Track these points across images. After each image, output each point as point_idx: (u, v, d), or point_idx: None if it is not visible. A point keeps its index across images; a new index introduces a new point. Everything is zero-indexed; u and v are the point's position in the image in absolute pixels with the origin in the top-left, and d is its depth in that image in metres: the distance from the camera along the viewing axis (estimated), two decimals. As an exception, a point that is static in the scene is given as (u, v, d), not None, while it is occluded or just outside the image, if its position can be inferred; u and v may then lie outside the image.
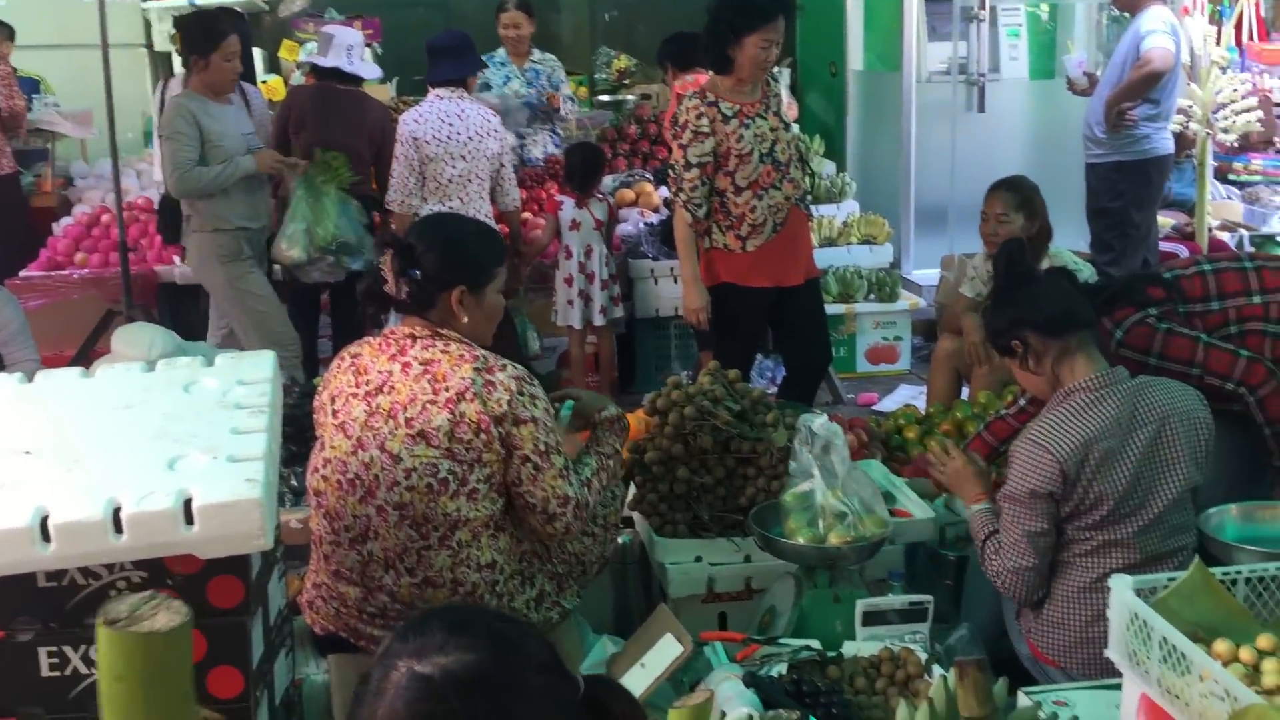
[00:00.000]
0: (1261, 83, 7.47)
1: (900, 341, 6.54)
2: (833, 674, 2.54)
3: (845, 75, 8.44)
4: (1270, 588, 2.11)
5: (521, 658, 1.31)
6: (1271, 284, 3.22)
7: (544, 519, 2.61)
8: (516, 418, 2.55)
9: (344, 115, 5.51)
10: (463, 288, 2.63)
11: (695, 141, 4.29)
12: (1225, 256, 3.38)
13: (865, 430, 4.09)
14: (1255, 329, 3.20)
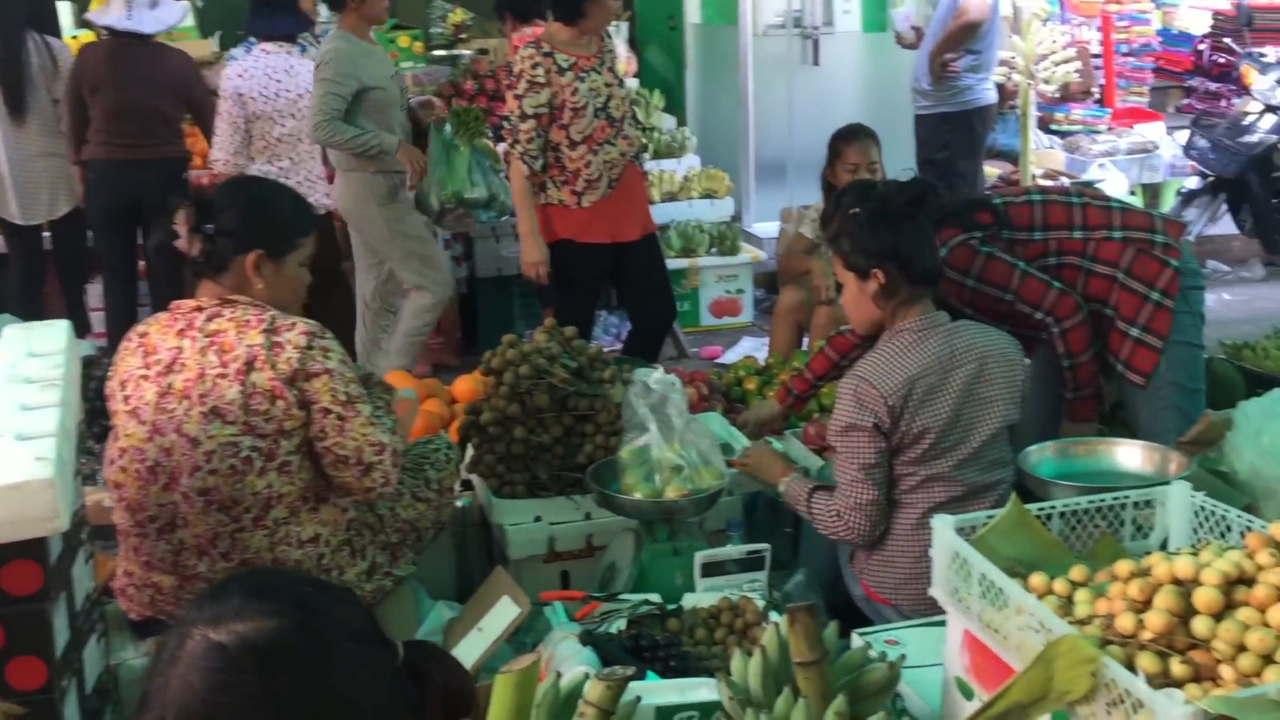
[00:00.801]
0: (1080, 34, 7.74)
1: (743, 294, 6.61)
2: (672, 627, 2.55)
3: (684, 29, 8.42)
4: (1083, 521, 2.18)
5: (330, 625, 1.22)
6: (1094, 221, 3.31)
7: (360, 471, 2.48)
8: (308, 372, 2.43)
9: (141, 73, 5.20)
10: (260, 252, 2.50)
11: (531, 92, 4.23)
12: (1055, 190, 3.52)
13: (705, 383, 4.11)
14: (1072, 263, 3.30)
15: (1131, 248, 3.26)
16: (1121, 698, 1.60)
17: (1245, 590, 1.68)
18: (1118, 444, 2.71)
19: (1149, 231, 3.28)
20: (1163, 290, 3.23)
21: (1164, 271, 3.24)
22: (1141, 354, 3.24)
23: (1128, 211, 3.38)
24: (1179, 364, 3.27)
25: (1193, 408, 3.24)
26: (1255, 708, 1.52)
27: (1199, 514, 2.12)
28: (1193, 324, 3.32)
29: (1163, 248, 3.26)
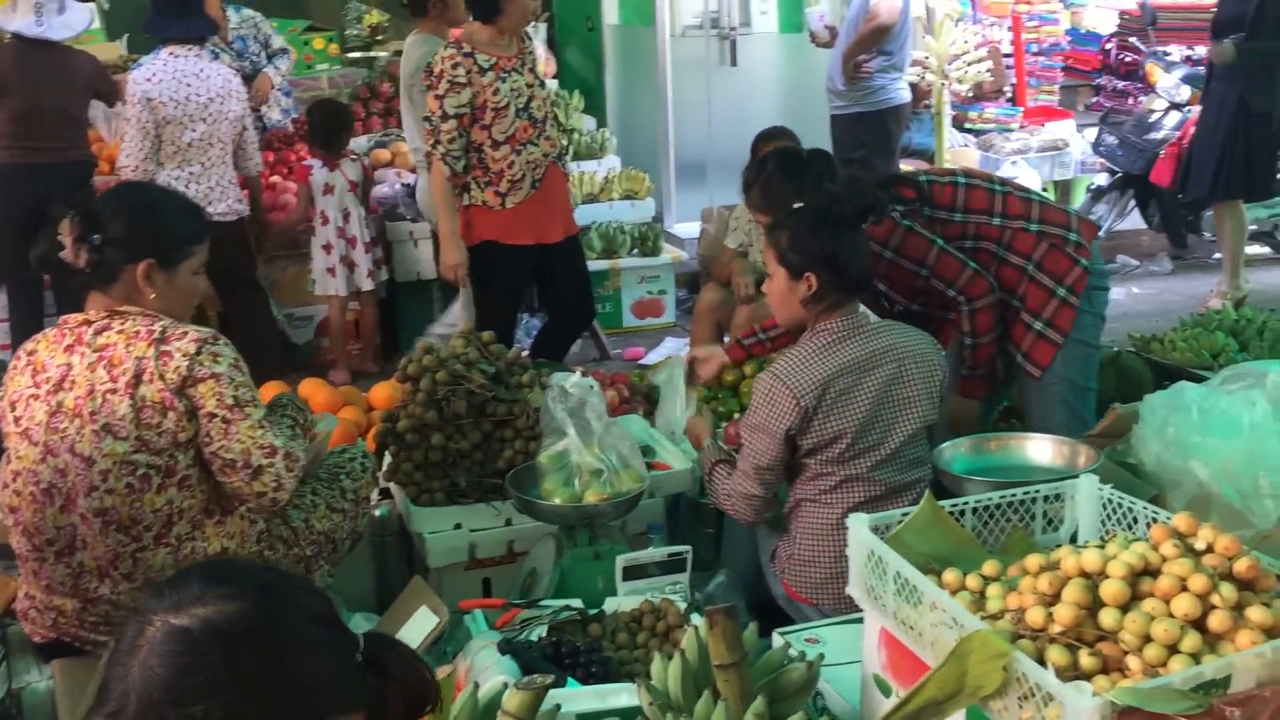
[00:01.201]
0: (991, 34, 7.88)
1: (665, 295, 6.60)
2: (594, 632, 2.54)
3: (602, 30, 8.42)
4: (996, 516, 2.21)
5: (292, 607, 1.23)
6: (1013, 211, 3.35)
7: (249, 475, 2.39)
8: (194, 378, 2.35)
9: (50, 76, 5.07)
10: (151, 261, 2.42)
11: (452, 92, 4.19)
12: (981, 175, 3.52)
13: (627, 385, 4.10)
14: (988, 249, 3.35)
15: (1045, 242, 3.31)
16: (1032, 691, 1.63)
17: (1150, 581, 1.72)
18: (1029, 438, 2.75)
19: (1064, 229, 3.33)
20: (1070, 287, 3.29)
21: (1074, 269, 3.29)
22: (1042, 347, 3.30)
23: (1047, 207, 3.42)
24: (1074, 361, 3.33)
25: (1082, 405, 3.33)
26: (1161, 698, 1.55)
27: (1106, 506, 2.16)
28: (1093, 324, 3.37)
29: (1075, 246, 3.31)
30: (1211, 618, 1.64)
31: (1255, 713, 1.55)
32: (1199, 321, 4.65)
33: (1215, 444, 2.36)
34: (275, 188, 6.13)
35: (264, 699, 1.15)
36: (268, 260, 5.75)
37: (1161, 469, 2.48)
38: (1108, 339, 4.51)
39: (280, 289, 5.86)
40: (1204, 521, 1.85)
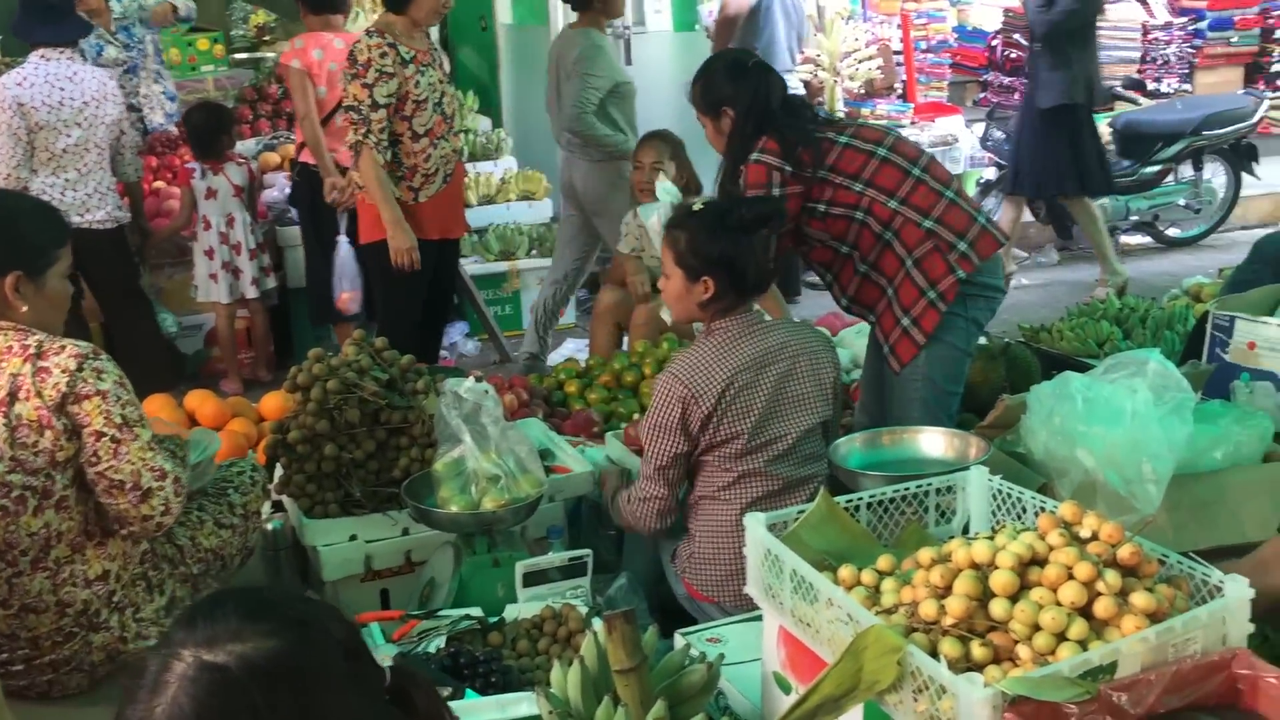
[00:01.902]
0: (881, 32, 8.01)
1: (565, 296, 6.56)
2: (494, 640, 2.50)
3: (495, 29, 8.35)
4: (890, 510, 2.23)
5: (328, 643, 1.17)
6: (915, 201, 3.25)
7: (138, 497, 2.33)
8: (77, 395, 2.28)
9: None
10: (18, 274, 2.33)
11: (381, 81, 4.19)
12: (905, 154, 3.32)
13: (525, 388, 4.07)
14: (874, 229, 3.27)
15: (931, 242, 3.24)
16: (926, 684, 1.64)
17: (1039, 571, 1.74)
18: (921, 431, 2.78)
19: (958, 236, 3.24)
20: (941, 293, 3.23)
21: (948, 277, 3.22)
22: (905, 344, 3.29)
23: (954, 208, 3.27)
24: (938, 362, 3.28)
25: (942, 408, 3.29)
26: (1050, 686, 1.57)
27: (996, 497, 2.18)
28: (965, 329, 3.31)
29: (959, 256, 3.22)
30: (1097, 605, 1.67)
31: (1141, 696, 1.58)
32: (1085, 311, 4.77)
33: (1100, 432, 2.41)
34: (159, 194, 5.96)
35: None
36: (152, 268, 5.60)
37: (1049, 458, 2.52)
38: (998, 330, 4.62)
39: (167, 297, 5.71)
40: (1091, 509, 1.88)
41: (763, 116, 3.32)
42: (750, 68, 3.42)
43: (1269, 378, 2.99)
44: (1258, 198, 8.05)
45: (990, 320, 3.46)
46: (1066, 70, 6.18)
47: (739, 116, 3.34)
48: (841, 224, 3.29)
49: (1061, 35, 6.15)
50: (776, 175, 3.23)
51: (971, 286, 3.26)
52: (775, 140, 3.25)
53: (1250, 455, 2.68)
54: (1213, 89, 9.12)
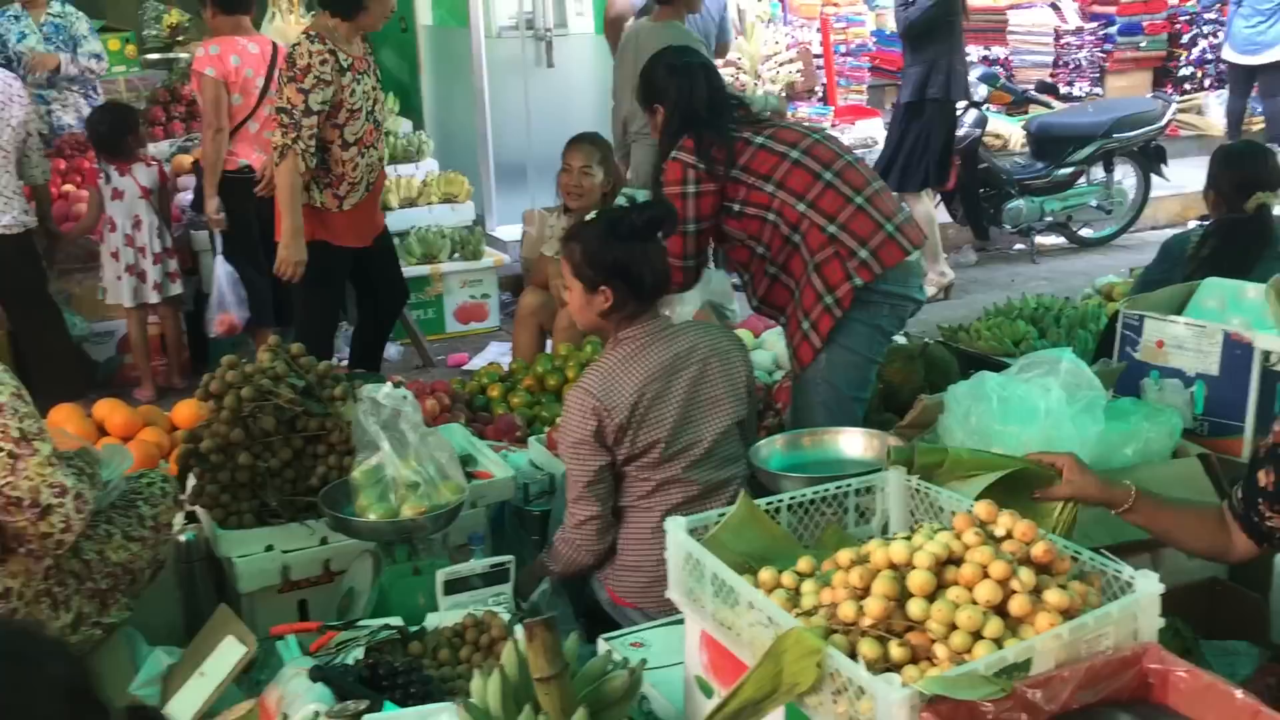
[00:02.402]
0: (801, 36, 8.08)
1: (489, 299, 6.53)
2: (414, 650, 2.46)
3: (415, 31, 8.27)
4: (810, 511, 2.23)
5: (39, 681, 1.13)
6: (822, 205, 3.24)
7: (36, 514, 2.25)
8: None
9: None
10: None
11: (318, 88, 4.15)
12: (819, 158, 3.30)
13: (447, 393, 4.03)
14: (783, 232, 3.28)
15: (832, 248, 3.22)
16: (845, 685, 1.64)
17: (955, 570, 1.75)
18: (841, 433, 2.80)
19: (860, 243, 3.21)
20: (836, 300, 3.22)
21: (844, 284, 3.21)
22: (805, 347, 3.30)
23: (861, 215, 3.24)
24: (838, 368, 3.28)
25: (844, 412, 3.26)
26: (966, 684, 1.58)
27: (915, 496, 2.20)
28: (868, 335, 3.29)
29: (859, 264, 3.20)
30: (1012, 603, 1.69)
31: (1055, 693, 1.60)
32: (1001, 311, 4.85)
33: (1014, 431, 2.45)
34: (68, 197, 5.80)
35: None
36: (61, 273, 5.44)
37: (966, 457, 2.55)
38: (917, 330, 4.67)
39: (77, 303, 5.56)
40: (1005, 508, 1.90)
41: (688, 115, 3.36)
42: (687, 66, 3.45)
43: (1177, 375, 3.07)
44: (1167, 198, 8.27)
45: (900, 328, 3.46)
46: (927, 66, 6.35)
47: (667, 113, 3.41)
48: (755, 224, 3.31)
49: (922, 32, 6.35)
50: (691, 173, 3.27)
51: (874, 294, 3.25)
52: (692, 139, 3.30)
53: (1160, 451, 2.75)
54: (1123, 92, 9.35)
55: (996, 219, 7.42)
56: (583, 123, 5.32)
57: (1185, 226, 7.09)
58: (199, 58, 5.08)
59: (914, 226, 3.36)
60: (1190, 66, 10.04)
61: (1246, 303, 3.17)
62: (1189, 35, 9.98)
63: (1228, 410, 2.99)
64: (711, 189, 3.28)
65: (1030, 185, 7.39)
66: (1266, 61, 8.98)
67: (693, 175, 3.27)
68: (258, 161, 5.14)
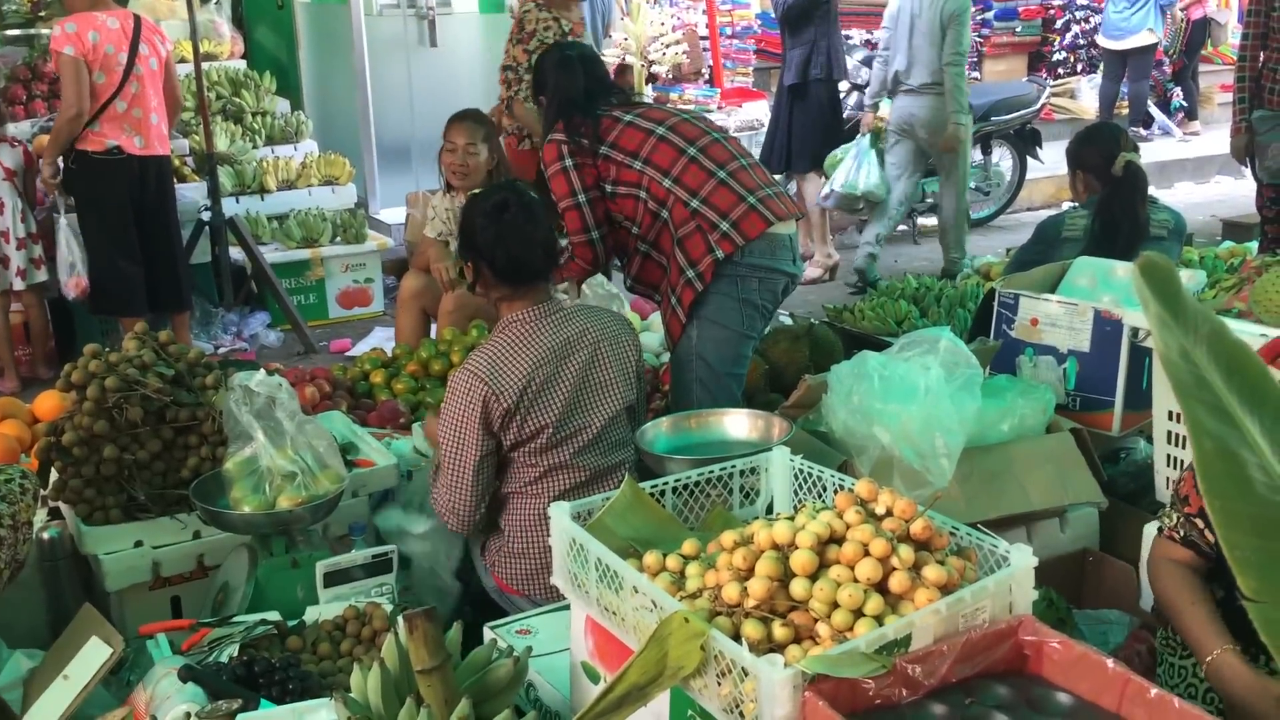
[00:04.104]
0: (687, 18, 8.08)
1: (372, 283, 6.41)
2: (293, 645, 2.39)
3: (293, 8, 8.04)
4: (695, 493, 2.22)
5: None
6: (687, 180, 3.24)
7: None
8: None
9: None
10: None
11: (541, 49, 4.45)
12: (684, 134, 3.34)
13: (328, 379, 3.92)
14: (652, 208, 3.30)
15: (694, 222, 3.23)
16: (729, 668, 1.63)
17: (837, 549, 1.76)
18: (726, 414, 2.80)
19: (720, 216, 3.21)
20: (699, 273, 3.22)
21: (706, 257, 3.21)
22: (674, 322, 3.33)
23: (722, 188, 3.24)
24: (709, 342, 3.28)
25: (720, 389, 3.28)
26: (848, 662, 1.58)
27: (799, 476, 2.21)
28: (735, 309, 3.27)
29: (720, 236, 3.20)
30: (892, 580, 1.70)
31: (934, 667, 1.62)
32: (884, 291, 4.93)
33: (895, 409, 2.47)
34: (-81, 179, 5.49)
35: None
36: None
37: (849, 435, 2.58)
38: (803, 310, 4.71)
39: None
40: (888, 484, 1.92)
41: (563, 103, 3.46)
42: (566, 59, 3.57)
43: (1050, 352, 3.14)
44: (1042, 180, 8.50)
45: (773, 302, 3.41)
46: (807, 48, 6.48)
47: (548, 102, 3.52)
48: (630, 203, 3.34)
49: (799, 15, 6.48)
50: (565, 148, 3.37)
51: (738, 268, 3.24)
52: (563, 121, 3.40)
53: (1034, 427, 2.81)
54: (999, 77, 9.58)
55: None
56: (467, 102, 5.22)
57: (1060, 208, 7.30)
58: (56, 37, 4.87)
59: (783, 200, 3.34)
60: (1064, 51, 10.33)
61: (1116, 281, 3.26)
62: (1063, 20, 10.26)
63: (1098, 386, 3.08)
64: (587, 162, 3.35)
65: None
66: (1134, 46, 9.30)
67: (566, 150, 3.37)
68: (128, 143, 4.94)
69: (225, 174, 6.15)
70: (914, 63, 6.24)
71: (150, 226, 5.16)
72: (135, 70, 4.92)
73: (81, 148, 4.93)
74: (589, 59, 3.64)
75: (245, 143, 6.58)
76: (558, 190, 3.39)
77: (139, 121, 4.97)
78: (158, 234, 5.20)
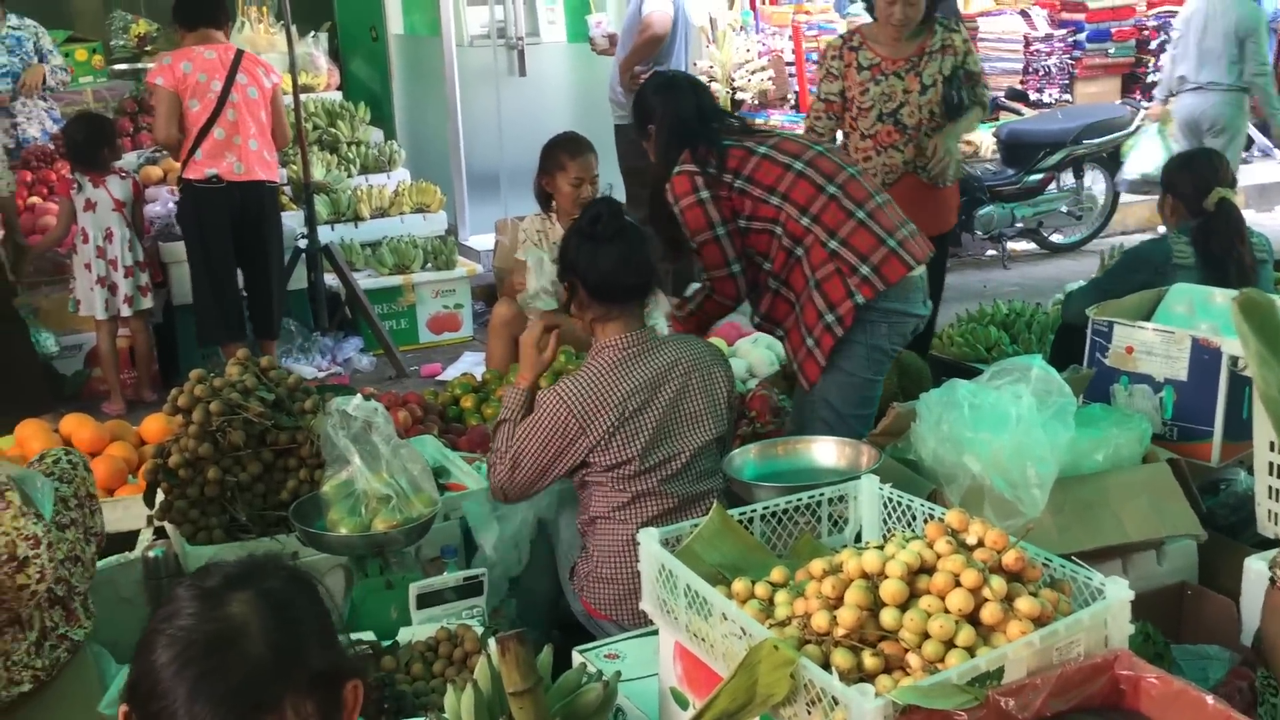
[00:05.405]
0: (773, 44, 8.09)
1: (461, 309, 6.51)
2: (387, 664, 2.45)
3: (386, 39, 8.25)
4: (784, 520, 2.23)
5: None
6: (825, 219, 3.19)
7: (14, 568, 2.18)
8: None
9: None
10: None
11: (826, 79, 4.32)
12: (823, 168, 3.26)
13: (420, 404, 4.00)
14: (787, 246, 3.24)
15: (833, 265, 3.17)
16: (819, 696, 1.64)
17: (927, 579, 1.75)
18: (814, 441, 2.80)
19: (860, 259, 3.16)
20: (839, 317, 3.18)
21: (845, 302, 3.16)
22: (810, 365, 3.26)
23: (862, 230, 3.19)
24: (835, 387, 3.25)
25: (845, 431, 3.16)
26: (940, 694, 1.58)
27: (887, 505, 2.20)
28: (864, 355, 3.24)
29: (860, 280, 3.15)
30: (984, 611, 1.69)
31: (1028, 701, 1.60)
32: (974, 317, 4.88)
33: (986, 438, 2.45)
34: (34, 209, 5.76)
35: None
36: (28, 287, 5.39)
37: (938, 464, 2.56)
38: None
39: (45, 316, 5.52)
40: (978, 514, 1.91)
41: (675, 128, 3.34)
42: (671, 82, 3.51)
43: (1146, 381, 3.08)
44: (1135, 204, 8.33)
45: (901, 344, 3.36)
46: None
47: (658, 131, 3.39)
48: (764, 238, 3.26)
49: None
50: (699, 179, 3.24)
51: (872, 312, 3.19)
52: (688, 150, 3.28)
53: (1130, 457, 2.76)
54: (1092, 99, 9.41)
55: (968, 225, 7.46)
56: (555, 130, 5.28)
57: (1155, 232, 7.15)
58: (151, 70, 5.13)
59: (919, 241, 3.29)
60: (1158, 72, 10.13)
61: (1215, 308, 3.19)
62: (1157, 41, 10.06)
63: (1196, 415, 3.00)
64: (721, 194, 3.25)
65: (1001, 191, 7.43)
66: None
67: (700, 181, 3.24)
68: (227, 170, 5.09)
69: (321, 202, 6.32)
70: (1201, 65, 6.83)
71: (249, 252, 5.32)
72: (231, 98, 5.06)
73: (186, 176, 5.12)
74: (695, 82, 3.58)
75: (340, 172, 6.75)
76: (693, 224, 3.25)
77: (238, 148, 5.12)
78: (255, 260, 5.35)
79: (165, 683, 1.26)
